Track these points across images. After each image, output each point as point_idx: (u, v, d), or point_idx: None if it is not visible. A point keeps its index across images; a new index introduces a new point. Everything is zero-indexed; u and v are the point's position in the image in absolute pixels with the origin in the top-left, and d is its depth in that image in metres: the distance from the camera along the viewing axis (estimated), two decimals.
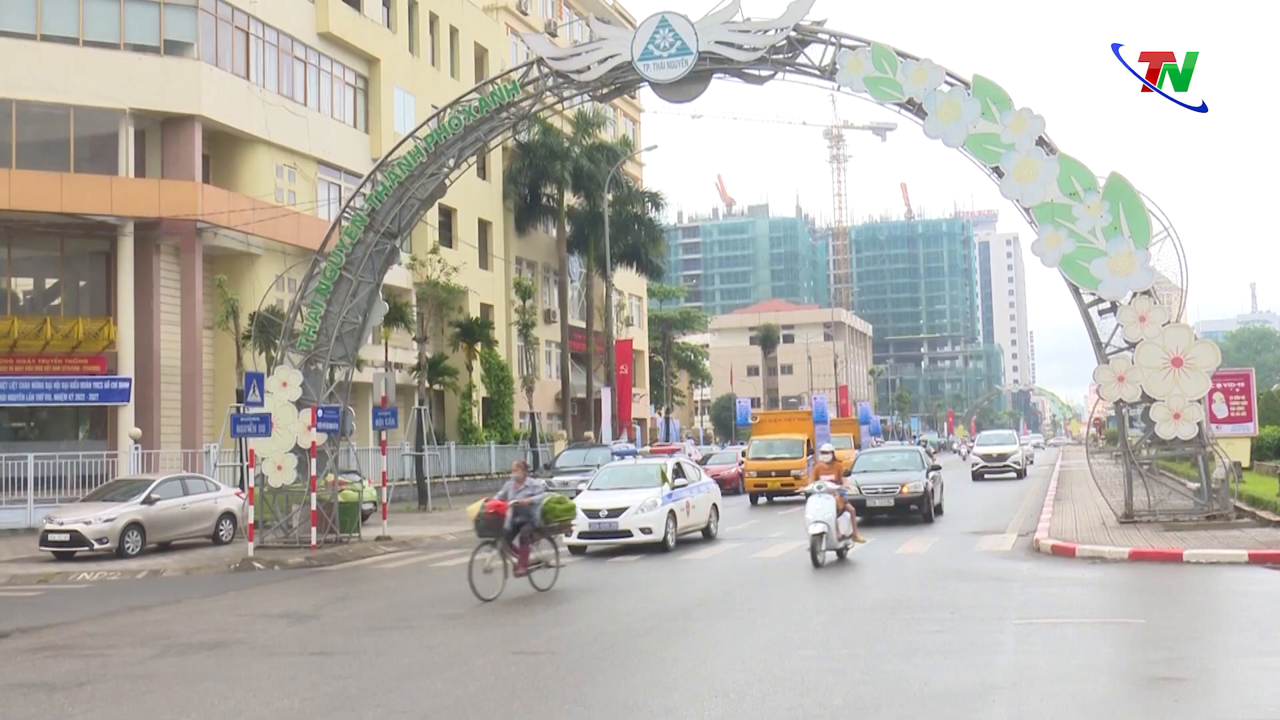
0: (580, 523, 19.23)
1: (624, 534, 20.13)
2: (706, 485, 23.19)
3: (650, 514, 20.26)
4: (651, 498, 20.48)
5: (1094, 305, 21.12)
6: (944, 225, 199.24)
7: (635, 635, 12.32)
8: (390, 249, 24.92)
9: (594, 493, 21.31)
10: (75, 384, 33.07)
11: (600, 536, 20.36)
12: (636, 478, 21.50)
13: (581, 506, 19.64)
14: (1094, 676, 9.63)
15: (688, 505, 21.40)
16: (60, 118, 33.33)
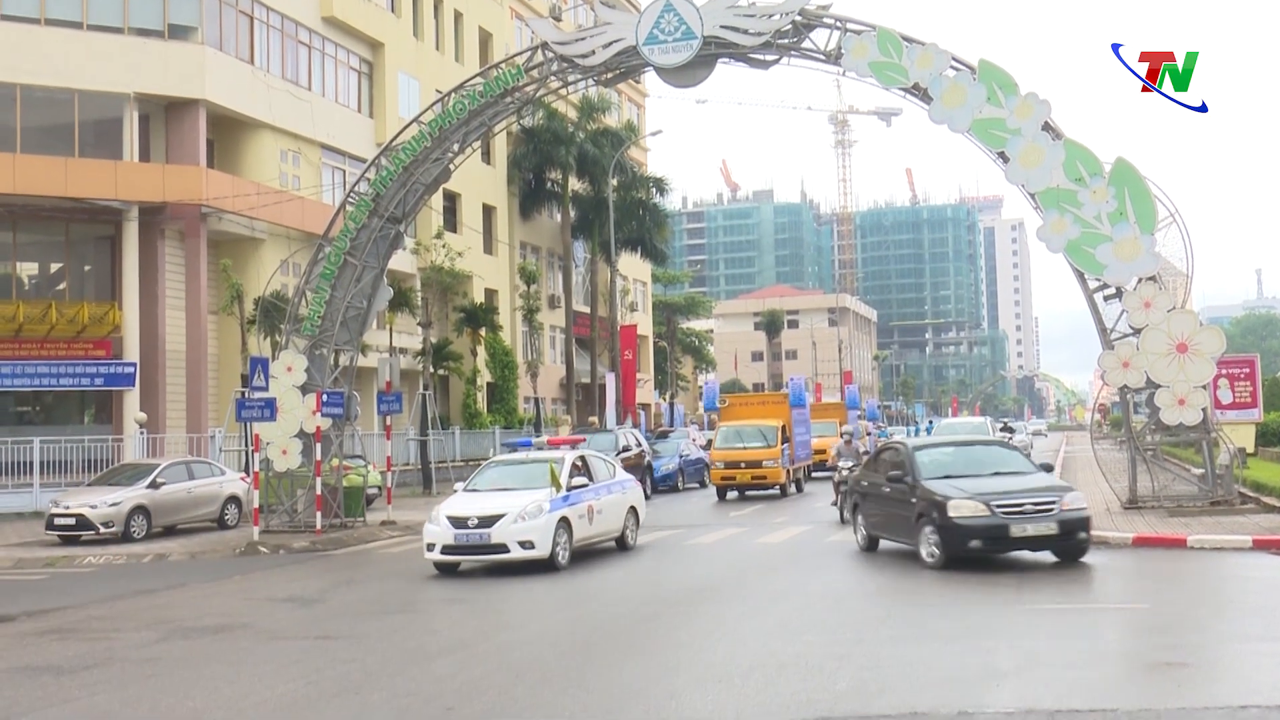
0: (443, 534, 16.39)
1: (498, 549, 16.25)
2: (623, 485, 19.29)
3: (533, 524, 16.30)
4: (536, 503, 16.47)
5: (1099, 291, 21.07)
6: (949, 211, 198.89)
7: (640, 620, 12.34)
8: (395, 234, 24.90)
9: (469, 495, 17.47)
10: (80, 368, 33.15)
11: (468, 552, 16.49)
12: (528, 478, 17.53)
13: (446, 514, 16.61)
14: (1098, 662, 9.64)
15: (590, 511, 17.60)
16: (64, 102, 33.31)
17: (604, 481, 18.62)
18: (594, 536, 18.01)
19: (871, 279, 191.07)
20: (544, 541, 16.31)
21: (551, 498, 16.70)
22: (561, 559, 16.60)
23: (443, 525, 16.45)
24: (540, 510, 16.41)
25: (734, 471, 30.27)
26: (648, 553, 18.65)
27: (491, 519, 16.31)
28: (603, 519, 18.12)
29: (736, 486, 30.56)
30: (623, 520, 18.90)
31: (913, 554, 15.95)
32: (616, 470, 19.67)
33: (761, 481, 30.14)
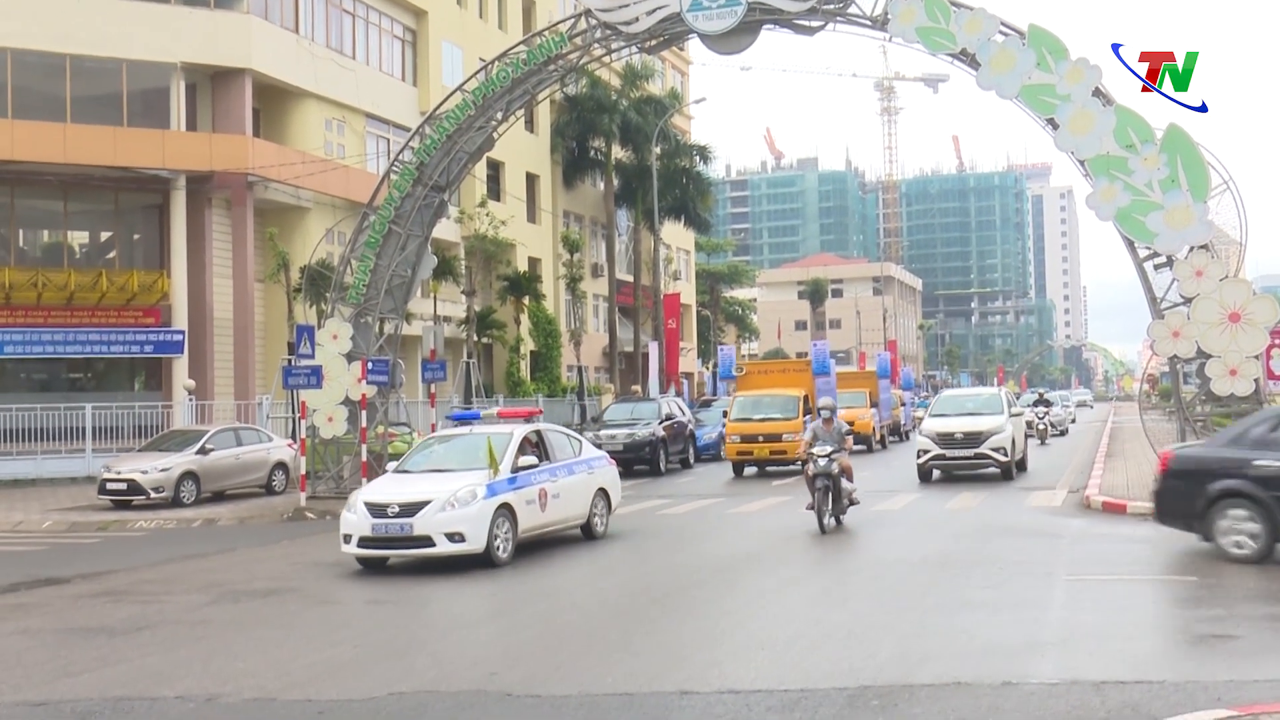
0: (360, 524, 13.93)
1: (420, 542, 13.78)
2: (590, 464, 16.72)
3: (463, 512, 13.76)
4: (468, 487, 13.99)
5: (1149, 260, 20.77)
6: (996, 178, 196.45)
7: (684, 587, 12.39)
8: (439, 203, 24.98)
9: (396, 478, 15.17)
10: (131, 336, 33.60)
11: (387, 545, 13.98)
12: (471, 457, 14.86)
13: (365, 499, 14.22)
14: (1143, 633, 9.57)
15: (542, 496, 15.13)
16: (113, 72, 33.60)
17: (564, 460, 16.10)
18: (548, 525, 15.49)
19: (917, 247, 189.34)
20: (477, 533, 13.75)
21: (489, 481, 14.22)
22: (501, 553, 14.06)
23: (359, 514, 13.99)
24: (473, 496, 13.91)
25: (751, 446, 27.98)
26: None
27: (414, 507, 13.77)
28: (560, 504, 15.61)
29: (754, 462, 28.37)
30: (588, 505, 16.33)
31: (959, 525, 15.85)
32: (583, 447, 17.14)
33: (781, 456, 27.63)
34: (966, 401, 26.56)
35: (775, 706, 7.41)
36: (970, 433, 23.78)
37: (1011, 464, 24.02)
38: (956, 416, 24.65)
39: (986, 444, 23.57)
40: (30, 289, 32.41)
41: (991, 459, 23.75)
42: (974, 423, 24.11)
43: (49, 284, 32.64)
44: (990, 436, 23.64)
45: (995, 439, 23.64)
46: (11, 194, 33.70)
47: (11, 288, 32.15)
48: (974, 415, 24.59)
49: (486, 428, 15.98)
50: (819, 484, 16.24)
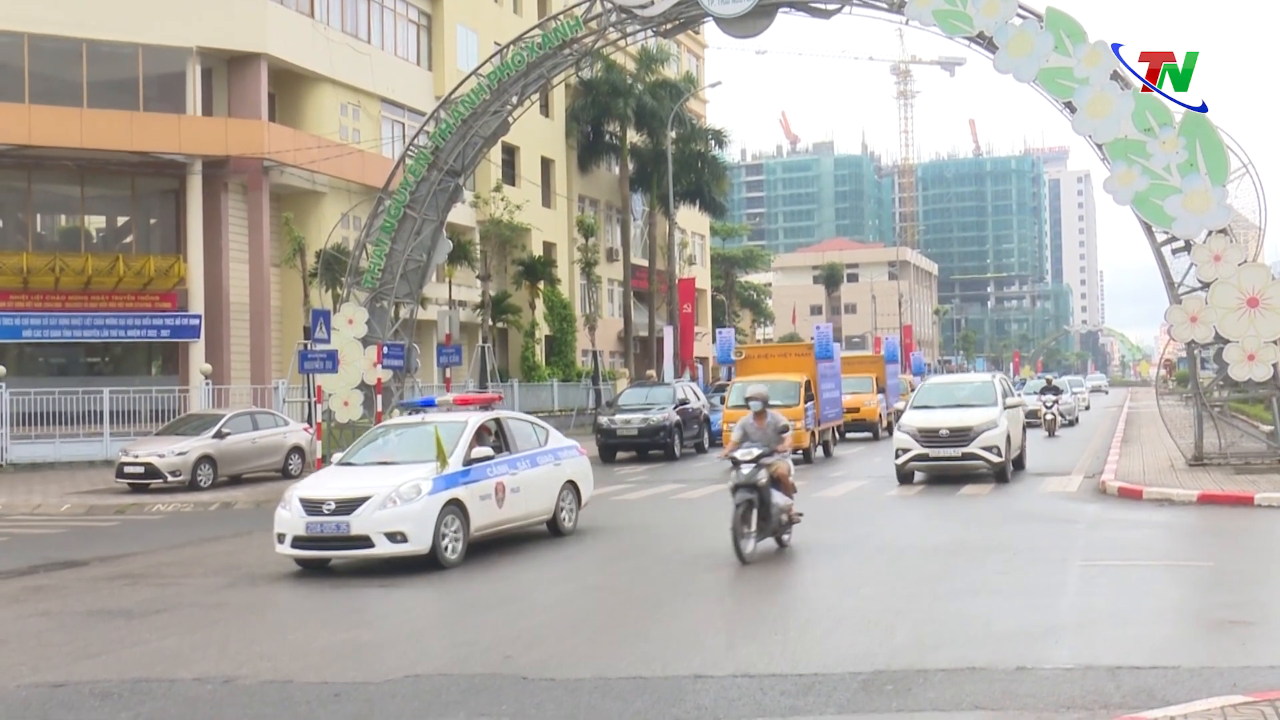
0: (294, 521, 12.72)
1: (359, 542, 12.55)
2: (556, 455, 15.42)
3: (405, 509, 12.53)
4: (412, 482, 12.77)
5: (1167, 244, 20.68)
6: (1013, 162, 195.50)
7: (697, 573, 12.40)
8: (454, 187, 25.02)
9: (339, 471, 13.96)
10: (147, 320, 33.76)
11: (323, 545, 12.73)
12: (418, 448, 13.61)
13: (300, 495, 12.96)
14: (1160, 619, 9.54)
15: (499, 490, 13.82)
16: (129, 57, 33.66)
17: (527, 451, 14.86)
18: (507, 522, 14.23)
19: (933, 232, 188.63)
20: (420, 532, 12.52)
21: (436, 474, 12.95)
22: (450, 554, 12.85)
23: (294, 511, 12.76)
24: (417, 491, 12.66)
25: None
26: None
27: (352, 503, 12.54)
28: (521, 499, 14.35)
29: None
30: (554, 499, 15.07)
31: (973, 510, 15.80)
32: (549, 436, 15.73)
33: None
34: (954, 390, 22.95)
35: (790, 690, 7.42)
36: (957, 428, 20.28)
37: (1006, 464, 20.50)
38: (942, 409, 21.22)
39: (976, 442, 20.11)
40: (48, 273, 32.58)
41: (982, 459, 20.29)
42: (962, 416, 20.63)
43: (66, 268, 32.79)
44: (981, 433, 20.14)
45: (987, 435, 20.16)
46: (29, 179, 33.85)
47: (29, 272, 32.32)
48: (962, 407, 21.15)
49: (440, 416, 14.61)
50: (739, 498, 12.47)
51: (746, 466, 12.65)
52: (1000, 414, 20.71)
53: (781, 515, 13.16)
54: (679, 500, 19.84)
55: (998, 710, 6.86)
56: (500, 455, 14.25)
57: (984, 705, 6.97)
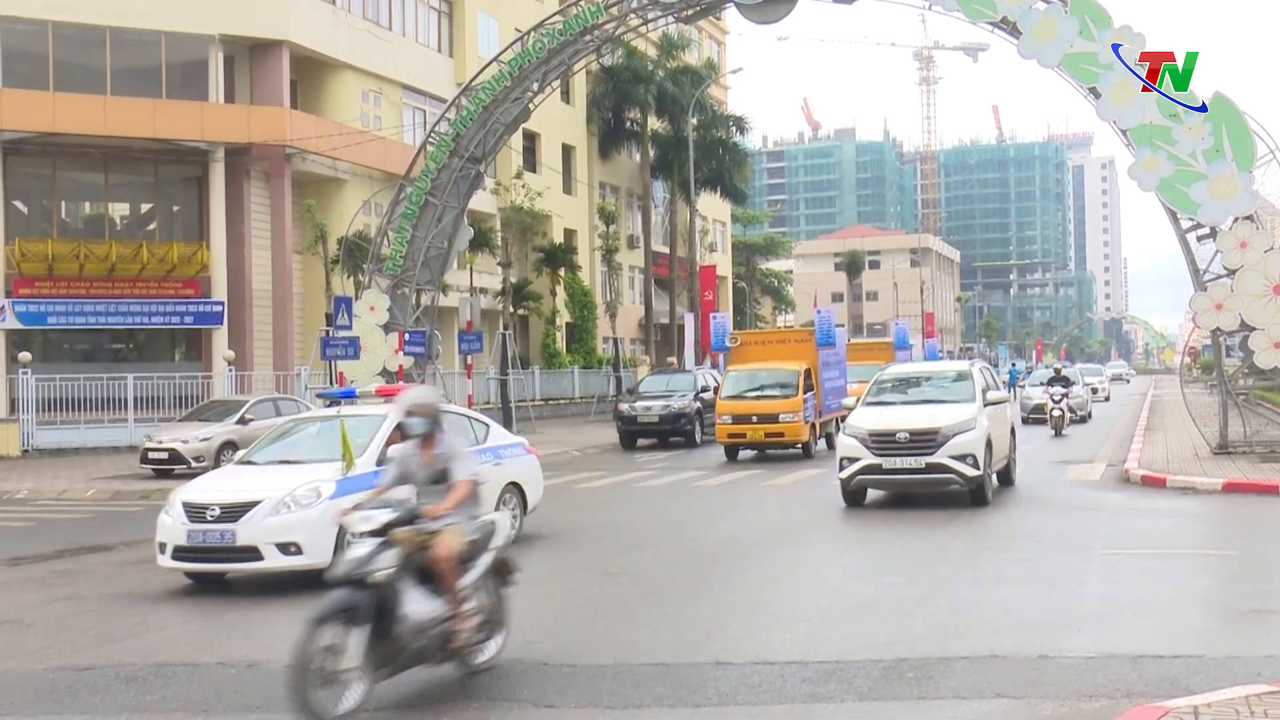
0: (176, 530, 11.06)
1: (246, 554, 10.87)
2: (497, 454, 13.61)
3: (301, 516, 10.86)
4: (311, 485, 11.10)
5: (1192, 231, 20.53)
6: (1036, 148, 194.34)
7: (717, 560, 12.41)
8: (475, 174, 25.05)
9: (236, 470, 12.45)
10: (171, 307, 33.96)
11: (206, 557, 11.06)
12: (329, 446, 11.66)
13: (184, 498, 11.29)
14: (1183, 608, 9.49)
15: None
16: (151, 44, 33.79)
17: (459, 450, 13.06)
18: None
19: (955, 219, 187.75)
20: (318, 543, 10.74)
21: (342, 476, 11.10)
22: None
23: (176, 516, 11.14)
24: (316, 495, 10.95)
25: (743, 427, 24.54)
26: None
27: (239, 509, 10.89)
28: None
29: (749, 445, 25.08)
30: (493, 504, 12.74)
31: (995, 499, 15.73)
32: (489, 432, 13.98)
33: (778, 439, 24.56)
34: (921, 382, 18.40)
35: (810, 678, 7.43)
36: (921, 431, 15.55)
37: (985, 479, 15.68)
38: (903, 406, 16.89)
39: (946, 449, 15.38)
40: (72, 260, 32.78)
41: (953, 473, 15.44)
42: (928, 416, 16.01)
43: (91, 255, 32.99)
44: (953, 437, 15.44)
45: (960, 440, 15.45)
46: (54, 166, 34.06)
47: (55, 259, 32.53)
48: (930, 404, 16.68)
49: (357, 410, 12.76)
50: (327, 605, 7.01)
51: (361, 548, 7.10)
52: (979, 412, 16.06)
53: (434, 633, 7.24)
54: (698, 488, 19.86)
55: (1020, 698, 6.85)
56: None
57: (1006, 693, 6.95)
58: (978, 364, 18.42)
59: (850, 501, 16.22)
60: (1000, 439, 16.97)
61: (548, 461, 25.62)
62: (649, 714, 6.85)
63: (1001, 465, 17.28)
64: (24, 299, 32.23)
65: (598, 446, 29.29)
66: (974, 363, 18.63)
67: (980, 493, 15.70)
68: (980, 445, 15.56)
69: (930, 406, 16.53)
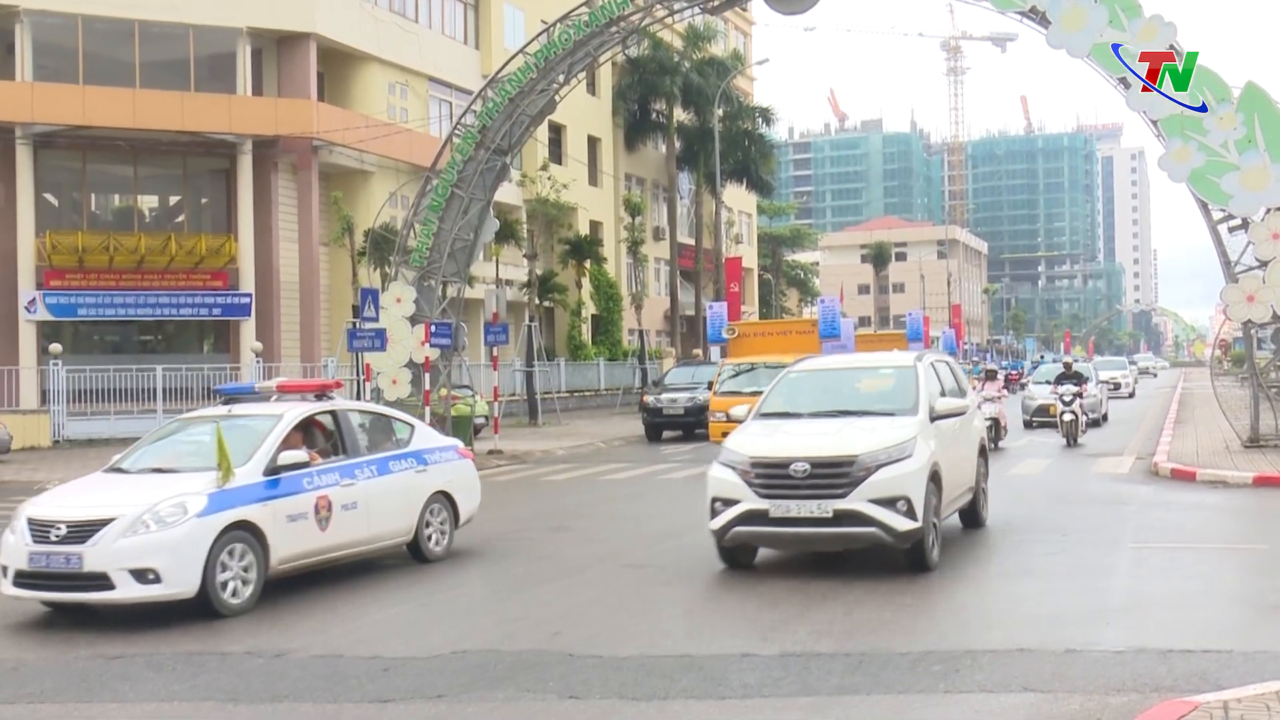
0: (18, 551, 9.45)
1: (94, 582, 9.22)
2: (421, 458, 11.93)
3: (161, 536, 9.24)
4: (174, 499, 9.46)
5: (1223, 222, 20.34)
6: (1065, 139, 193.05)
7: None
8: (501, 166, 25.06)
9: (101, 480, 10.58)
10: (199, 299, 34.18)
11: (49, 584, 9.43)
12: (215, 451, 9.89)
13: (28, 515, 9.67)
14: (1212, 602, 9.41)
15: (324, 507, 10.46)
16: (180, 37, 33.98)
17: (376, 455, 11.50)
18: (337, 548, 10.85)
19: (983, 210, 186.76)
20: (181, 569, 9.25)
21: (216, 489, 9.65)
22: (233, 596, 9.62)
23: (19, 534, 9.54)
24: (182, 511, 9.37)
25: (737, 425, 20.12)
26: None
27: (89, 527, 9.28)
28: (359, 518, 10.96)
29: None
30: (416, 515, 11.69)
31: (1022, 491, 15.60)
32: (414, 434, 12.29)
33: None
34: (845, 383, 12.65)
35: (836, 670, 7.41)
36: (827, 462, 10.46)
37: (926, 533, 10.49)
38: (811, 421, 11.54)
39: (864, 490, 10.28)
40: (102, 252, 33.05)
41: (875, 525, 10.26)
42: (840, 437, 10.82)
43: (120, 247, 33.25)
44: (875, 471, 10.34)
45: (886, 477, 10.34)
46: (84, 159, 34.32)
47: (84, 251, 32.80)
48: (850, 418, 11.33)
49: (251, 409, 11.20)
50: None
51: None
52: (921, 432, 10.85)
53: None
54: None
55: (1047, 692, 6.81)
56: (332, 460, 10.93)
57: (1033, 687, 6.92)
58: (928, 357, 12.70)
59: (731, 561, 10.99)
60: (959, 466, 11.97)
61: (573, 454, 25.77)
62: (674, 705, 6.85)
63: (964, 502, 12.49)
64: (55, 291, 32.53)
65: (623, 438, 29.31)
66: (923, 355, 12.74)
67: (918, 553, 10.39)
68: (918, 482, 10.31)
69: (849, 422, 11.06)
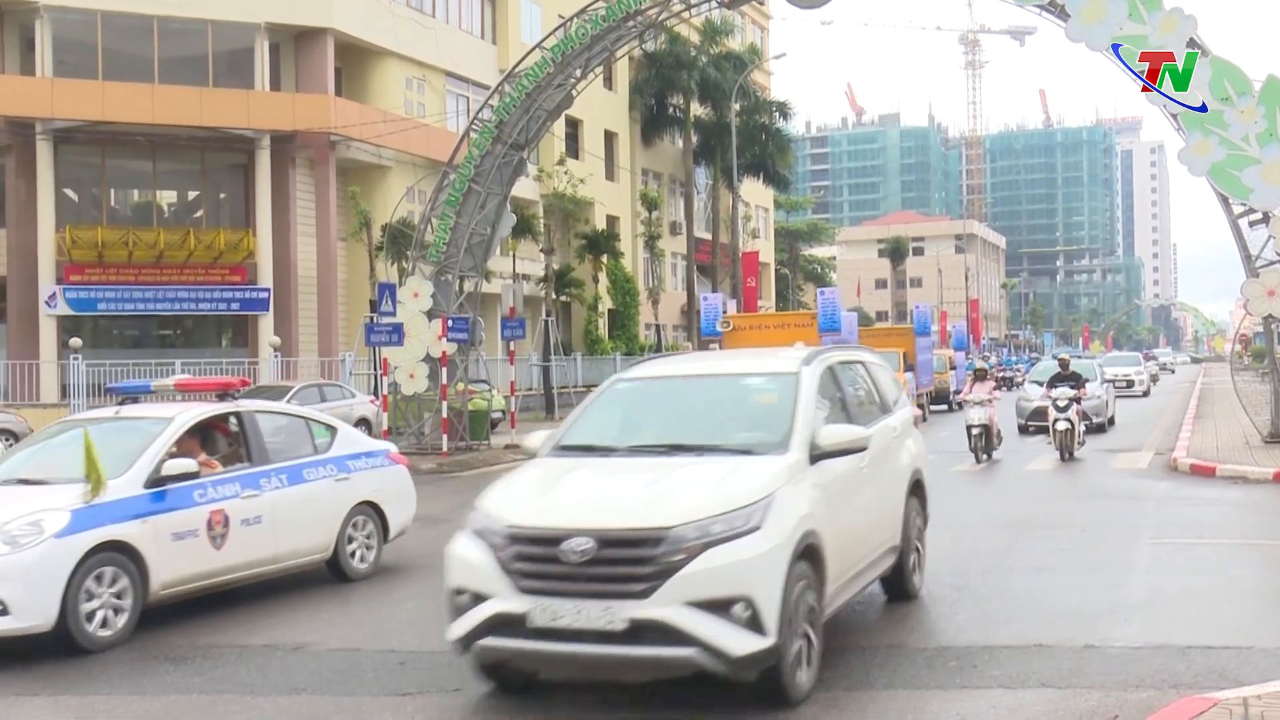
0: None
1: None
2: (342, 465, 10.67)
3: (11, 561, 7.98)
4: (29, 516, 8.23)
5: (1244, 216, 20.19)
6: (1084, 133, 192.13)
7: None
8: (518, 161, 25.06)
9: None
10: (218, 293, 34.32)
11: None
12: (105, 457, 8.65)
13: None
14: (1233, 598, 9.36)
15: (219, 522, 9.20)
16: (198, 33, 34.10)
17: (287, 462, 10.09)
18: (235, 569, 9.57)
19: (1001, 204, 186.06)
20: (34, 598, 7.99)
21: (83, 504, 8.36)
22: (101, 628, 8.32)
23: None
24: (37, 531, 8.11)
25: None
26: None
27: None
28: (264, 534, 9.71)
29: None
30: (335, 530, 10.47)
31: (1040, 486, 15.53)
32: (336, 438, 10.81)
33: None
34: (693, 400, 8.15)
35: (854, 665, 7.39)
36: (620, 539, 6.24)
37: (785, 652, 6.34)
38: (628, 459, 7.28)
39: (676, 587, 6.08)
40: (121, 247, 33.21)
41: (693, 644, 6.04)
42: (648, 495, 6.51)
43: (139, 242, 33.41)
44: (698, 555, 6.14)
45: (713, 564, 6.15)
46: (103, 154, 34.49)
47: (104, 246, 32.97)
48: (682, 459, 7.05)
49: (140, 410, 9.92)
50: None
51: None
52: (788, 481, 6.78)
53: None
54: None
55: (1065, 688, 6.78)
56: (234, 469, 9.67)
57: (1051, 683, 6.89)
58: (825, 358, 8.33)
59: (501, 682, 7.18)
60: (867, 525, 8.06)
61: None
62: None
63: (882, 569, 8.51)
64: (74, 285, 32.72)
65: None
66: (818, 355, 8.28)
67: (772, 684, 6.48)
68: (769, 570, 6.32)
69: (679, 466, 6.97)
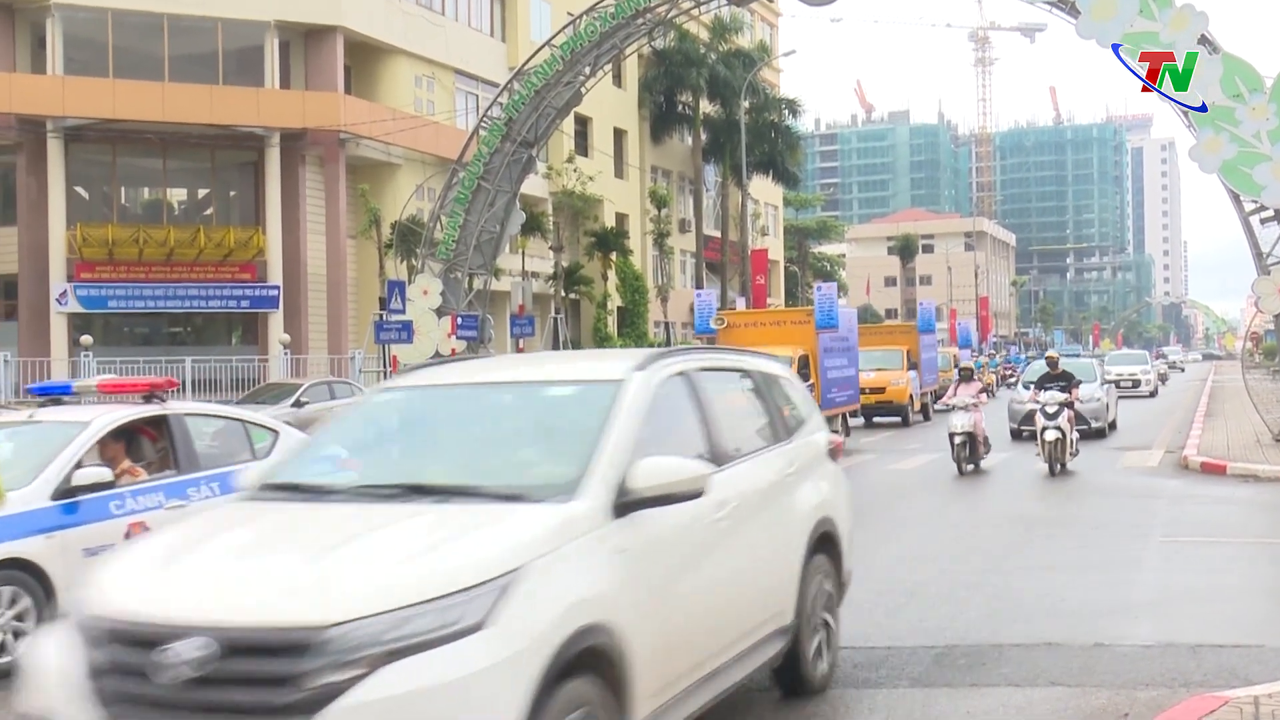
0: None
1: None
2: None
3: None
4: None
5: (1255, 213, 20.15)
6: (1094, 130, 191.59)
7: None
8: (527, 158, 25.11)
9: None
10: (228, 291, 34.40)
11: None
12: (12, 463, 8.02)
13: None
14: (1243, 597, 9.33)
15: (136, 537, 7.49)
16: (208, 31, 34.18)
17: (221, 469, 8.80)
18: None
19: (1010, 202, 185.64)
20: None
21: None
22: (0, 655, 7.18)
23: None
24: None
25: None
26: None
27: None
28: None
29: None
30: None
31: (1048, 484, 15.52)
32: (277, 443, 9.61)
33: None
34: (463, 423, 5.60)
35: (862, 664, 7.38)
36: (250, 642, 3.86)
37: None
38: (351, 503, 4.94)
39: None
40: (132, 245, 33.30)
41: None
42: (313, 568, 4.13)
43: (149, 240, 33.50)
44: (373, 671, 3.69)
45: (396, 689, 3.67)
46: (113, 152, 34.58)
47: (114, 244, 33.06)
48: (425, 505, 4.68)
49: (55, 414, 8.92)
50: None
51: None
52: (557, 542, 4.38)
53: None
54: None
55: (1074, 687, 6.76)
56: (159, 476, 8.62)
57: (1060, 681, 6.87)
58: (662, 368, 5.68)
59: None
60: (725, 603, 5.56)
61: None
62: None
63: (768, 655, 6.05)
64: (85, 283, 32.81)
65: None
66: (651, 364, 5.61)
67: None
68: (493, 705, 3.83)
69: (393, 519, 4.60)
